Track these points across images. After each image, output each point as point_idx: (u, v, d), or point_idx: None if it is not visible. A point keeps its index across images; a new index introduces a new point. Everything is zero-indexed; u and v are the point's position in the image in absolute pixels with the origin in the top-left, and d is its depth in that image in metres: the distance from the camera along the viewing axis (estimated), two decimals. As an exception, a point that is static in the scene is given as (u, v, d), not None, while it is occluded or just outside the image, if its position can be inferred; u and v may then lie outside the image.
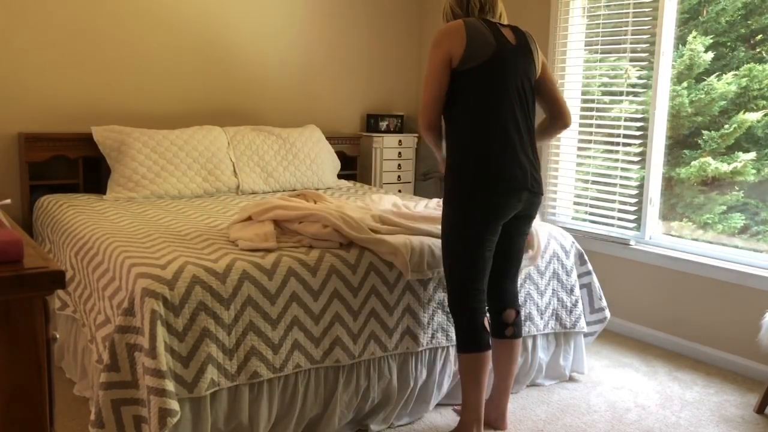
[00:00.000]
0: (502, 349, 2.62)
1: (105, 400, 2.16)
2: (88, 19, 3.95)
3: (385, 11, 5.06)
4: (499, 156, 2.36)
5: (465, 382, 2.46)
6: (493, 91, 2.38)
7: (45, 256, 1.25)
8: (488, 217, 2.39)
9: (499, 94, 2.39)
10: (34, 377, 1.19)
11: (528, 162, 2.43)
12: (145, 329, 2.13)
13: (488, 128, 2.38)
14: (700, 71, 3.70)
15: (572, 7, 4.07)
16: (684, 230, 3.78)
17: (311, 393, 2.45)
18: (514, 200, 2.40)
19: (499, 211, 2.39)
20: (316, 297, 2.45)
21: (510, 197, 2.39)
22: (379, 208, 3.08)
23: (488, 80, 2.38)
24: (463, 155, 2.40)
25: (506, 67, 2.40)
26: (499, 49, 2.39)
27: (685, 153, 3.75)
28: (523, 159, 2.41)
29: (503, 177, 2.36)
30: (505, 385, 2.65)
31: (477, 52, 2.36)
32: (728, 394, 3.08)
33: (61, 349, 3.04)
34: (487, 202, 2.37)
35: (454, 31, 2.38)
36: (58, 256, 3.13)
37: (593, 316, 3.22)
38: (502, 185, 2.36)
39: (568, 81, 4.14)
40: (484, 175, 2.36)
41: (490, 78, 2.38)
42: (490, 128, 2.37)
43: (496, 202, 2.37)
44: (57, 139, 3.82)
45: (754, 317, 3.23)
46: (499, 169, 2.36)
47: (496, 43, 2.39)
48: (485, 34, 2.39)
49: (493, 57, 2.37)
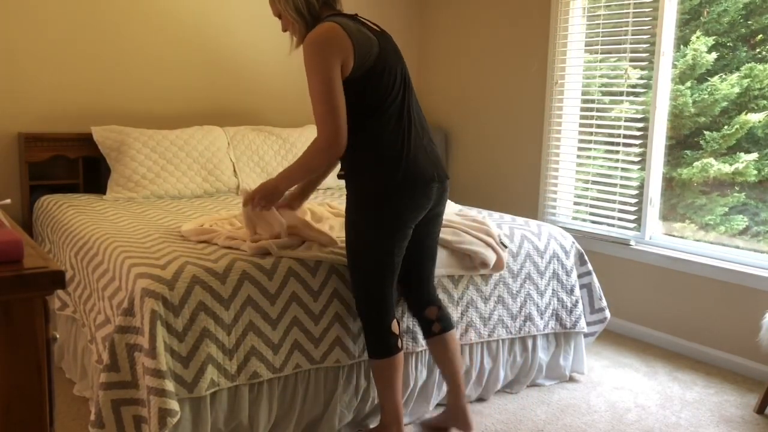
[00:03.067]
0: (435, 346, 2.53)
1: (105, 400, 2.16)
2: (88, 19, 3.95)
3: (385, 11, 5.06)
4: (408, 154, 2.24)
5: (379, 388, 2.40)
6: (389, 86, 2.24)
7: (45, 256, 1.25)
8: (399, 223, 2.27)
9: (394, 87, 2.25)
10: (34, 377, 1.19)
11: (431, 149, 2.33)
12: (145, 329, 2.13)
13: (392, 126, 2.24)
14: (702, 71, 3.70)
15: (572, 7, 4.07)
16: (686, 231, 3.78)
17: (311, 393, 2.45)
18: (424, 200, 2.29)
19: (410, 214, 2.28)
20: (316, 297, 2.45)
21: (422, 197, 2.27)
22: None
23: (381, 76, 2.22)
24: (373, 158, 2.25)
25: (389, 57, 2.26)
26: (378, 41, 2.25)
27: (686, 153, 3.75)
28: (427, 148, 2.31)
29: (414, 175, 2.24)
30: (454, 384, 2.52)
31: (365, 51, 2.19)
32: (728, 394, 3.08)
33: (61, 349, 3.04)
34: (398, 206, 2.25)
35: (338, 37, 2.16)
36: (58, 256, 3.13)
37: (593, 317, 3.22)
38: (411, 184, 2.24)
39: (568, 81, 4.13)
40: (396, 176, 2.22)
41: (382, 74, 2.22)
42: (394, 125, 2.24)
43: (407, 205, 2.26)
44: (57, 139, 3.81)
45: (754, 317, 3.23)
46: (410, 167, 2.23)
47: (375, 37, 2.25)
48: (361, 30, 2.23)
49: (380, 53, 2.22)
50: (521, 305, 2.94)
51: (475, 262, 2.77)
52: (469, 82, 4.78)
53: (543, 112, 4.25)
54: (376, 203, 2.26)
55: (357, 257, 2.34)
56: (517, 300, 2.93)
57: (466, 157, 4.86)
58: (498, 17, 4.51)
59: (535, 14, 4.26)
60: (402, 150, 2.24)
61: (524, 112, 4.38)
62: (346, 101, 2.20)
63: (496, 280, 2.88)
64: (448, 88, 4.97)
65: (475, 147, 4.78)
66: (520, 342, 2.98)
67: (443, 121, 5.03)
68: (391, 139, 2.24)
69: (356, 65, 2.17)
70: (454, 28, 4.89)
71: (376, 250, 2.30)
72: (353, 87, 2.20)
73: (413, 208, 2.29)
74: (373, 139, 2.25)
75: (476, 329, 2.81)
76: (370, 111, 2.23)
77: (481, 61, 4.67)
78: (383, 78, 2.23)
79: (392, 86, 2.25)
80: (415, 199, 2.27)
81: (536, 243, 3.02)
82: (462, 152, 4.89)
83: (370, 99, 2.23)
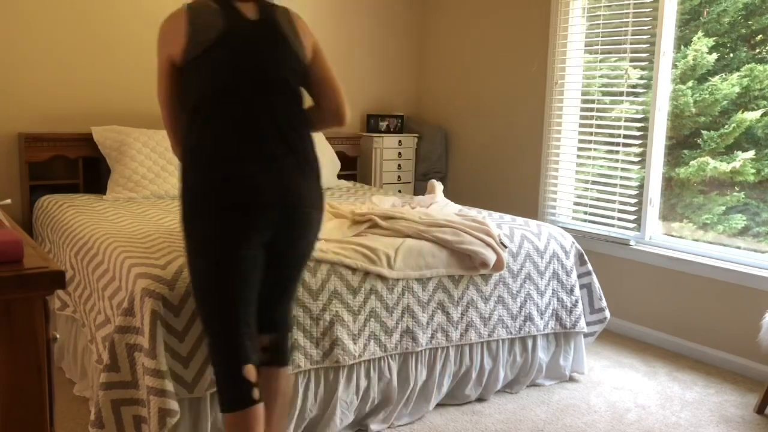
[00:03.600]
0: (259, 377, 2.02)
1: (105, 400, 2.16)
2: (88, 19, 3.95)
3: (385, 11, 5.06)
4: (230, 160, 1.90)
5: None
6: (225, 79, 1.93)
7: (45, 256, 1.25)
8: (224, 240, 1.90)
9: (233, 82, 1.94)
10: (34, 377, 1.19)
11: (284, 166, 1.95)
12: (145, 329, 2.13)
13: (218, 127, 1.92)
14: (703, 72, 3.70)
15: (572, 7, 4.07)
16: (684, 231, 3.78)
17: (311, 393, 2.45)
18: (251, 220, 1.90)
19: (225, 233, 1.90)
20: (316, 297, 2.45)
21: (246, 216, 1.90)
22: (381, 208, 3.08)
23: (216, 68, 1.93)
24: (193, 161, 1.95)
25: (239, 48, 1.95)
26: (229, 29, 1.94)
27: (684, 153, 3.75)
28: (272, 162, 1.93)
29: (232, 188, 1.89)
30: (267, 419, 2.07)
31: (199, 38, 1.92)
32: (728, 394, 3.08)
33: (61, 349, 3.04)
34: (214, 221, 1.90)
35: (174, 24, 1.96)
36: (58, 256, 3.13)
37: (593, 317, 3.22)
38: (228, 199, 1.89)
39: (568, 81, 4.14)
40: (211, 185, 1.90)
41: (218, 65, 1.93)
42: (221, 127, 1.92)
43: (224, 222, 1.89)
44: (57, 139, 3.81)
45: (754, 317, 3.23)
46: (229, 177, 1.89)
47: (223, 23, 1.94)
48: (211, 15, 1.95)
49: (220, 40, 1.92)
50: (521, 305, 2.94)
51: (475, 262, 2.77)
52: (469, 82, 4.78)
53: (543, 112, 4.25)
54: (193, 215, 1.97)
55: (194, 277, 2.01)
56: (517, 300, 2.93)
57: (466, 157, 4.86)
58: (498, 17, 4.51)
59: (535, 14, 4.26)
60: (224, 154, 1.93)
61: (524, 112, 4.38)
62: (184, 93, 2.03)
63: (496, 280, 2.88)
64: (448, 88, 4.97)
65: (475, 147, 4.78)
66: (520, 342, 2.98)
67: (443, 121, 5.03)
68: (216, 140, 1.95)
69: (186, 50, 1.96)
70: (455, 28, 4.89)
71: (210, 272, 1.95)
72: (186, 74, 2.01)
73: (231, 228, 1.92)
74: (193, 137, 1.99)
75: (476, 329, 2.81)
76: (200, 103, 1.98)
77: (481, 61, 4.67)
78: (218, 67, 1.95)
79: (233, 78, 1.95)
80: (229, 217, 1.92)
81: (536, 243, 3.02)
82: (462, 152, 4.89)
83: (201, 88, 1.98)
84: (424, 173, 5.00)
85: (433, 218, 2.87)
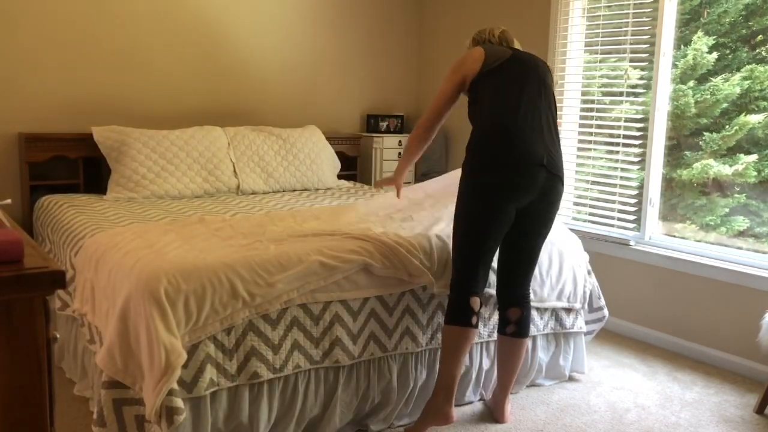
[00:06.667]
0: (502, 345, 2.72)
1: (107, 399, 2.16)
2: (88, 19, 3.95)
3: (385, 11, 5.06)
4: (516, 132, 2.46)
5: (442, 352, 2.55)
6: (515, 81, 2.54)
7: (45, 256, 1.25)
8: (498, 195, 2.46)
9: (519, 84, 2.54)
10: (34, 377, 1.19)
11: (550, 143, 2.53)
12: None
13: (509, 110, 2.49)
14: (703, 72, 3.70)
15: (572, 7, 4.07)
16: (686, 232, 3.78)
17: (311, 393, 2.45)
18: (526, 179, 2.46)
19: (510, 188, 2.46)
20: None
21: (524, 175, 2.46)
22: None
23: (507, 74, 2.55)
24: (481, 134, 2.53)
25: (524, 65, 2.59)
26: (516, 54, 2.61)
27: (686, 154, 3.75)
28: (544, 139, 2.51)
29: (518, 151, 2.45)
30: (504, 381, 2.74)
31: (495, 57, 2.57)
32: (728, 394, 3.08)
33: (61, 349, 3.04)
34: (498, 177, 2.46)
35: (475, 56, 2.60)
36: (58, 256, 3.13)
37: (592, 315, 3.22)
38: (515, 159, 2.45)
39: (568, 82, 4.14)
40: (498, 149, 2.46)
41: (509, 72, 2.56)
42: (511, 110, 2.49)
43: (509, 178, 2.45)
44: (57, 139, 3.82)
45: (754, 317, 3.23)
46: (515, 143, 2.45)
47: (512, 51, 2.62)
48: (501, 48, 2.65)
49: (511, 58, 2.58)
50: (529, 306, 2.93)
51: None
52: (469, 82, 4.77)
53: (543, 112, 4.24)
54: (473, 173, 2.55)
55: (457, 221, 2.57)
56: (517, 300, 2.93)
57: (466, 158, 4.85)
58: (498, 17, 4.51)
59: (535, 14, 4.26)
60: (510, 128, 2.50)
61: (524, 112, 4.37)
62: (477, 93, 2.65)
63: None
64: (448, 89, 4.96)
65: (475, 147, 4.77)
66: (520, 342, 2.98)
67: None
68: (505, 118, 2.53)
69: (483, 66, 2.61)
70: (454, 28, 4.89)
71: (472, 219, 2.52)
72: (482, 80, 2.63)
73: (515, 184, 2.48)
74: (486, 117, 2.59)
75: (476, 329, 2.81)
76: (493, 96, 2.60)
77: (481, 62, 4.67)
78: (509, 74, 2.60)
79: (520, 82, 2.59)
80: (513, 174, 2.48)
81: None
82: (462, 152, 4.89)
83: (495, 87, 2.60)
84: (424, 173, 5.00)
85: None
